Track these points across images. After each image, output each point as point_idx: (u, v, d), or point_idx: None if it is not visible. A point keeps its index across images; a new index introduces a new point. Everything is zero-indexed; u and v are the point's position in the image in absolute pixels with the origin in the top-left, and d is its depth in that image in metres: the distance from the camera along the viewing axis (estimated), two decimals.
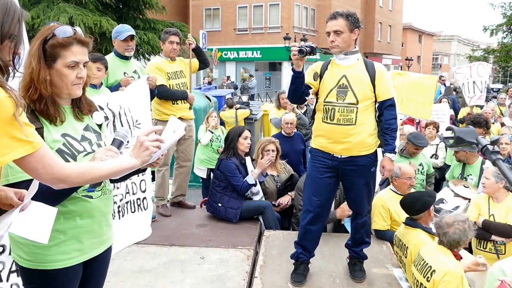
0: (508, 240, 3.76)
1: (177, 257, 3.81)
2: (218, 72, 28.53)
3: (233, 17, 32.97)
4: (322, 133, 3.19)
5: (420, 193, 3.71)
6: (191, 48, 4.98)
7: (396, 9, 44.34)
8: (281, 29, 30.75)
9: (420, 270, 2.90)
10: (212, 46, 25.21)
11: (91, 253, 1.95)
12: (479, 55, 27.66)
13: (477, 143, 1.02)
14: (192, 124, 5.00)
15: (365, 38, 39.04)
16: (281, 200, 4.83)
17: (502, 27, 27.09)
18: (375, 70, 3.13)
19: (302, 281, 3.34)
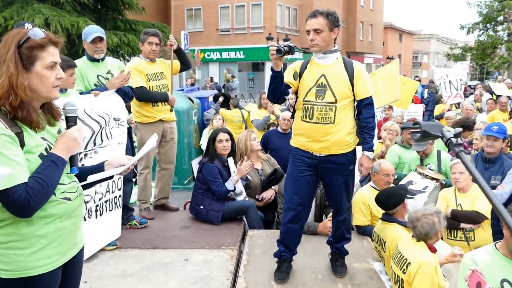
0: (476, 226, 3.89)
1: (161, 259, 3.81)
2: (201, 73, 28.42)
3: (215, 17, 32.89)
4: (301, 132, 3.22)
5: (393, 188, 3.80)
6: (173, 49, 4.96)
7: (377, 9, 44.84)
8: (263, 29, 30.80)
9: (397, 263, 2.97)
10: (194, 47, 25.09)
11: (69, 254, 1.96)
12: (457, 53, 28.20)
13: (442, 136, 1.07)
14: (173, 126, 4.99)
15: (347, 37, 39.38)
16: (264, 194, 4.85)
17: (478, 25, 27.68)
18: (354, 69, 3.17)
19: (285, 278, 3.38)
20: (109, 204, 3.99)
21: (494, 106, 9.39)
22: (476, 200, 3.99)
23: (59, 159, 1.81)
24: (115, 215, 4.09)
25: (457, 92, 8.68)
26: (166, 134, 4.89)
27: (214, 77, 28.19)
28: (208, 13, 32.92)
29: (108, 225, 3.98)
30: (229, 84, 24.12)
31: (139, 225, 4.53)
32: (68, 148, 1.86)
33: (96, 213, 3.81)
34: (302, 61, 3.29)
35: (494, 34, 27.80)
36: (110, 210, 4.00)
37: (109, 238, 4.01)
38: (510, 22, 27.15)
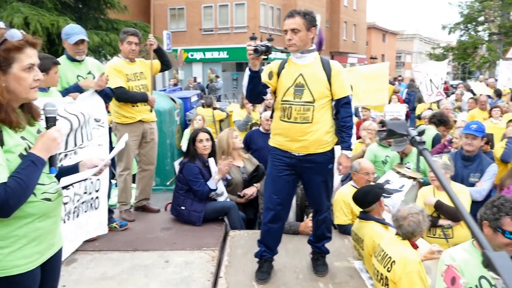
0: (455, 223, 3.93)
1: (141, 262, 3.77)
2: (185, 74, 28.27)
3: (199, 17, 32.74)
4: (280, 132, 3.22)
5: (370, 186, 3.82)
6: (152, 49, 4.91)
7: (360, 9, 45.22)
8: (247, 29, 30.77)
9: (381, 261, 2.98)
10: (177, 46, 24.96)
11: (47, 254, 1.97)
12: (439, 53, 28.59)
13: (407, 134, 1.08)
14: (154, 127, 4.94)
15: (331, 37, 39.61)
16: (246, 190, 4.83)
17: (459, 25, 28.10)
18: (331, 68, 3.18)
19: (266, 278, 3.37)
20: (86, 205, 3.93)
21: (474, 105, 9.53)
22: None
23: (38, 159, 1.82)
24: (90, 216, 4.03)
25: (438, 90, 8.80)
26: (146, 135, 4.84)
27: (197, 77, 28.05)
28: (191, 12, 32.76)
29: (83, 226, 3.93)
30: (213, 84, 24.06)
31: (119, 227, 4.47)
32: (48, 148, 1.86)
33: (73, 215, 3.75)
34: (280, 61, 3.29)
35: (475, 34, 28.27)
36: (85, 211, 3.95)
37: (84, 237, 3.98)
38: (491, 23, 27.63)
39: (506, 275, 0.79)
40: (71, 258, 3.76)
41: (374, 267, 3.08)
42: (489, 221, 2.44)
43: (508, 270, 0.79)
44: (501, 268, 0.80)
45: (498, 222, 2.41)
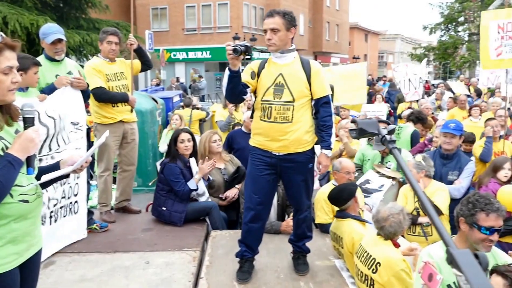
0: None
1: (121, 263, 3.73)
2: (168, 74, 28.10)
3: (181, 16, 32.58)
4: (260, 131, 3.22)
5: (344, 184, 3.85)
6: (133, 48, 4.87)
7: (342, 9, 45.55)
8: (230, 29, 30.72)
9: (364, 262, 2.99)
10: (160, 46, 24.82)
11: (26, 254, 1.97)
12: (420, 53, 28.98)
13: (378, 133, 1.09)
14: (134, 127, 4.90)
15: (313, 37, 39.83)
16: (228, 193, 4.82)
17: (440, 26, 28.54)
18: (311, 68, 3.19)
19: (247, 278, 3.36)
20: (65, 210, 3.88)
21: (453, 105, 9.69)
22: (433, 196, 4.07)
23: (15, 160, 1.81)
24: (69, 221, 3.98)
25: (415, 90, 8.97)
26: (127, 135, 4.80)
27: (180, 77, 27.88)
28: (174, 12, 32.57)
29: (61, 231, 3.88)
30: (196, 84, 23.95)
31: (99, 229, 4.42)
32: (25, 148, 1.86)
33: (50, 219, 3.70)
34: (260, 60, 3.29)
35: (455, 35, 28.73)
36: (64, 216, 3.90)
37: (63, 243, 3.92)
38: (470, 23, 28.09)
39: (468, 272, 0.80)
40: (49, 260, 3.70)
41: (357, 268, 3.09)
42: (465, 217, 2.48)
43: (470, 267, 0.81)
44: (463, 265, 0.82)
45: (474, 218, 2.45)
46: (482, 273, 0.82)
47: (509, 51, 5.87)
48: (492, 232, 2.44)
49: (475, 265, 0.83)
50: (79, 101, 4.05)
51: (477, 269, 0.82)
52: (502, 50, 5.93)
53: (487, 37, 6.07)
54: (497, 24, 5.97)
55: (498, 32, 5.94)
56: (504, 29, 5.89)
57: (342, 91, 6.64)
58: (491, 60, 6.12)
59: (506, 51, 5.91)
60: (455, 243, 2.51)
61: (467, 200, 2.54)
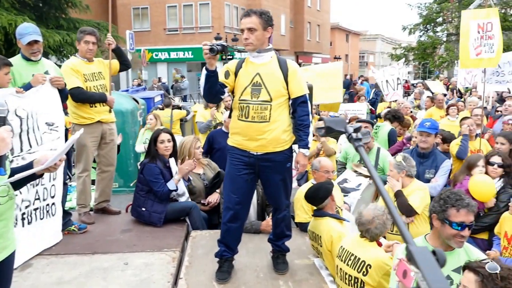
0: (408, 220, 4.03)
1: (100, 265, 3.69)
2: (149, 74, 27.89)
3: (163, 16, 32.40)
4: (238, 131, 3.23)
5: (320, 183, 3.88)
6: (111, 48, 4.84)
7: (323, 9, 45.85)
8: (212, 29, 30.66)
9: (352, 265, 2.98)
10: (141, 46, 24.63)
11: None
12: (400, 53, 29.37)
13: (345, 131, 1.11)
14: (113, 128, 4.86)
15: (295, 37, 39.99)
16: (209, 198, 4.82)
17: (419, 26, 28.96)
18: (288, 67, 3.21)
19: (226, 278, 3.37)
20: (41, 212, 3.83)
21: (430, 104, 9.85)
22: (410, 195, 4.10)
23: None
24: (47, 224, 3.93)
25: (394, 91, 9.12)
26: (106, 136, 4.76)
27: (162, 77, 27.74)
28: (155, 12, 32.37)
29: (40, 234, 3.82)
30: (178, 84, 23.82)
31: (78, 230, 4.37)
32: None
33: (23, 222, 3.64)
34: (237, 60, 3.30)
35: (434, 35, 29.17)
36: (41, 218, 3.84)
37: (40, 247, 3.86)
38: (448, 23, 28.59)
39: (424, 269, 0.82)
40: (27, 263, 3.65)
41: (343, 271, 3.07)
42: (437, 214, 2.53)
43: (427, 264, 0.83)
44: (420, 262, 0.84)
45: (445, 213, 2.50)
46: (439, 269, 0.84)
47: (488, 51, 5.97)
48: (463, 228, 2.49)
49: (432, 262, 0.85)
50: (56, 101, 4.00)
51: (433, 266, 0.84)
52: (481, 49, 6.03)
53: (467, 37, 6.14)
54: (477, 23, 6.06)
55: (478, 31, 6.03)
56: (483, 29, 5.99)
57: (319, 90, 6.71)
58: (470, 59, 6.20)
59: (485, 50, 6.00)
60: (429, 240, 2.59)
61: (439, 197, 2.59)
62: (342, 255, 3.11)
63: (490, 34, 5.95)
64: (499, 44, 5.93)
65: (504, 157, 4.47)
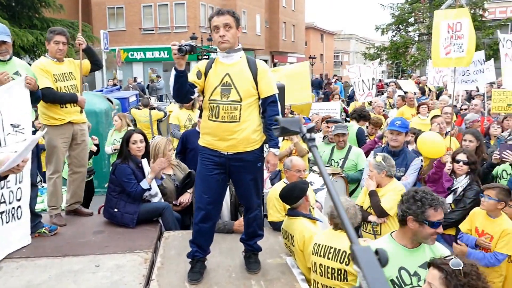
0: (380, 220, 4.11)
1: (70, 267, 3.64)
2: (125, 74, 27.57)
3: (138, 16, 32.11)
4: (208, 131, 3.24)
5: (295, 182, 3.91)
6: (82, 48, 4.77)
7: (298, 9, 46.16)
8: (187, 29, 30.53)
9: (334, 258, 3.04)
10: (117, 46, 24.30)
11: None
12: (373, 53, 29.81)
13: (299, 132, 1.13)
14: (84, 128, 4.81)
15: (270, 37, 40.14)
16: (181, 198, 4.81)
17: (391, 26, 29.46)
18: (257, 67, 3.23)
19: (198, 278, 3.37)
20: (6, 215, 3.75)
21: (402, 103, 10.04)
22: (383, 196, 4.17)
23: None
24: (12, 228, 3.85)
25: (369, 91, 9.27)
26: (77, 137, 4.70)
27: (138, 77, 27.46)
28: (130, 12, 32.04)
29: (6, 238, 3.75)
30: (154, 84, 23.63)
31: (48, 232, 4.30)
32: None
33: None
34: (207, 60, 3.31)
35: (406, 35, 29.70)
36: (7, 222, 3.77)
37: (5, 251, 3.79)
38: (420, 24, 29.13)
39: (366, 268, 0.85)
40: None
41: (323, 265, 3.10)
42: (415, 216, 2.57)
43: (369, 264, 0.85)
44: (362, 261, 0.86)
45: (424, 215, 2.56)
46: (380, 269, 0.87)
47: (457, 50, 6.11)
48: (438, 226, 2.59)
49: (373, 261, 0.87)
50: (25, 103, 3.93)
51: (374, 265, 0.86)
52: (450, 49, 6.18)
53: (438, 36, 6.28)
54: (447, 23, 6.21)
55: (448, 31, 6.17)
56: (453, 29, 6.13)
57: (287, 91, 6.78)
58: (441, 58, 6.33)
59: (454, 50, 6.15)
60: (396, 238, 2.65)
61: (413, 199, 2.62)
62: (320, 251, 3.15)
63: (460, 34, 6.09)
64: (470, 43, 6.04)
65: (470, 154, 4.60)
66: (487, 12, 26.80)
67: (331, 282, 3.07)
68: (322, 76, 26.51)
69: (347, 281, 3.00)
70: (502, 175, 4.91)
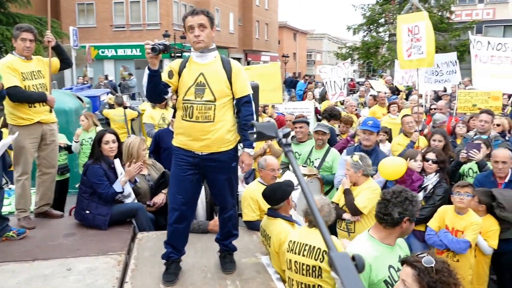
0: (354, 218, 4.18)
1: (40, 272, 3.54)
2: (95, 71, 27.00)
3: (109, 13, 31.54)
4: (182, 131, 3.22)
5: (280, 183, 3.93)
6: (51, 46, 4.66)
7: (271, 8, 46.33)
8: (160, 26, 30.20)
9: (309, 255, 3.06)
10: (87, 43, 23.83)
11: None
12: (345, 52, 30.20)
13: (275, 136, 1.14)
14: (54, 128, 4.69)
15: (243, 36, 40.13)
16: (155, 199, 4.75)
17: (362, 26, 29.89)
18: (232, 67, 3.22)
19: (173, 280, 3.34)
20: None
21: (373, 102, 10.22)
22: (359, 195, 4.24)
23: None
24: None
25: (341, 91, 9.41)
26: (46, 137, 4.59)
27: (109, 75, 26.93)
28: (101, 8, 31.44)
29: None
30: (126, 82, 23.22)
31: (16, 236, 4.18)
32: None
33: None
34: (181, 60, 3.28)
35: (376, 35, 30.16)
36: None
37: None
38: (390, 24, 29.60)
39: (343, 275, 0.86)
40: None
41: (298, 263, 3.12)
42: (411, 216, 2.70)
43: (346, 270, 0.87)
44: (340, 268, 0.88)
45: (416, 213, 2.75)
46: (357, 276, 0.88)
47: (417, 53, 6.37)
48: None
49: (350, 267, 0.88)
50: None
51: (352, 272, 0.88)
52: (411, 51, 6.42)
53: (401, 39, 6.55)
54: (407, 27, 6.45)
55: (408, 35, 6.41)
56: (412, 32, 6.37)
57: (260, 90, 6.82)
58: (404, 60, 6.60)
59: (414, 52, 6.40)
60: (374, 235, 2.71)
61: (407, 200, 2.70)
62: (295, 248, 3.17)
63: (418, 36, 6.35)
64: (429, 45, 6.28)
65: (438, 153, 4.74)
66: (454, 14, 27.52)
67: (306, 278, 3.11)
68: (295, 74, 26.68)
69: (321, 277, 3.04)
70: (469, 173, 5.06)
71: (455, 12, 27.73)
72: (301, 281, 3.14)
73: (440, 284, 2.16)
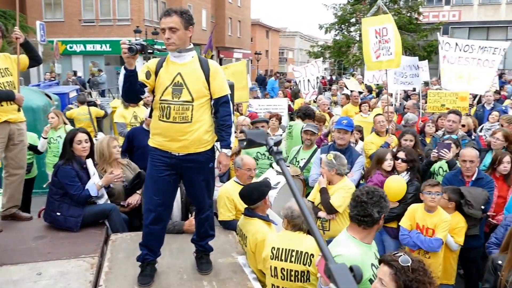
0: (329, 216, 4.23)
1: (9, 277, 3.41)
2: (63, 67, 26.28)
3: (77, 7, 30.75)
4: (159, 132, 3.17)
5: (257, 183, 3.93)
6: (19, 42, 4.50)
7: (244, 5, 46.29)
8: (131, 22, 29.67)
9: (296, 260, 3.07)
10: (54, 38, 23.14)
11: None
12: (317, 51, 30.52)
13: (266, 144, 1.13)
14: (22, 128, 4.54)
15: (216, 32, 39.80)
16: (130, 200, 4.67)
17: (334, 26, 30.29)
18: (209, 67, 3.19)
19: (149, 282, 3.29)
20: None
21: (346, 101, 10.35)
22: (334, 193, 4.29)
23: None
24: None
25: (314, 90, 9.51)
26: (14, 137, 4.43)
27: (78, 71, 26.30)
28: (69, 2, 30.62)
29: None
30: (95, 78, 22.76)
31: None
32: None
33: None
34: (157, 59, 3.23)
35: (348, 34, 30.60)
36: None
37: None
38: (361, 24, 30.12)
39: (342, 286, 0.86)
40: None
41: (285, 269, 3.11)
42: (385, 213, 2.78)
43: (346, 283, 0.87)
44: (339, 279, 0.88)
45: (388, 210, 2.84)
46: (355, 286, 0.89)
47: (386, 54, 6.57)
48: None
49: (349, 280, 0.89)
50: None
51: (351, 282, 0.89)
52: (380, 52, 6.60)
53: (368, 42, 6.72)
54: (374, 29, 6.63)
55: (376, 36, 6.58)
56: (380, 34, 6.55)
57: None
58: (372, 62, 6.80)
59: (383, 53, 6.59)
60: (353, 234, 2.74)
61: (382, 198, 2.75)
62: (280, 255, 3.16)
63: (386, 38, 6.55)
64: (396, 46, 6.48)
65: (408, 152, 4.86)
66: (421, 15, 28.20)
67: (294, 284, 3.10)
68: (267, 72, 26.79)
69: (309, 281, 3.06)
70: (439, 171, 5.20)
71: (423, 13, 28.42)
72: (287, 287, 3.15)
73: (416, 283, 2.21)
